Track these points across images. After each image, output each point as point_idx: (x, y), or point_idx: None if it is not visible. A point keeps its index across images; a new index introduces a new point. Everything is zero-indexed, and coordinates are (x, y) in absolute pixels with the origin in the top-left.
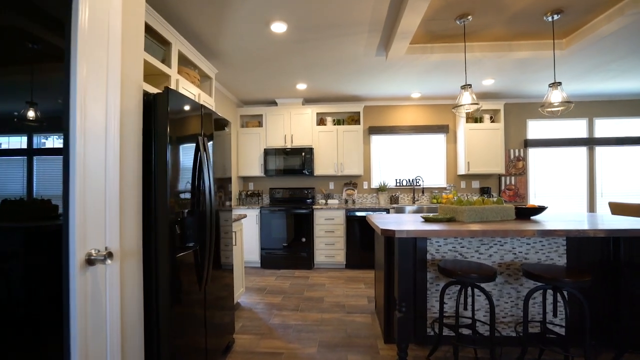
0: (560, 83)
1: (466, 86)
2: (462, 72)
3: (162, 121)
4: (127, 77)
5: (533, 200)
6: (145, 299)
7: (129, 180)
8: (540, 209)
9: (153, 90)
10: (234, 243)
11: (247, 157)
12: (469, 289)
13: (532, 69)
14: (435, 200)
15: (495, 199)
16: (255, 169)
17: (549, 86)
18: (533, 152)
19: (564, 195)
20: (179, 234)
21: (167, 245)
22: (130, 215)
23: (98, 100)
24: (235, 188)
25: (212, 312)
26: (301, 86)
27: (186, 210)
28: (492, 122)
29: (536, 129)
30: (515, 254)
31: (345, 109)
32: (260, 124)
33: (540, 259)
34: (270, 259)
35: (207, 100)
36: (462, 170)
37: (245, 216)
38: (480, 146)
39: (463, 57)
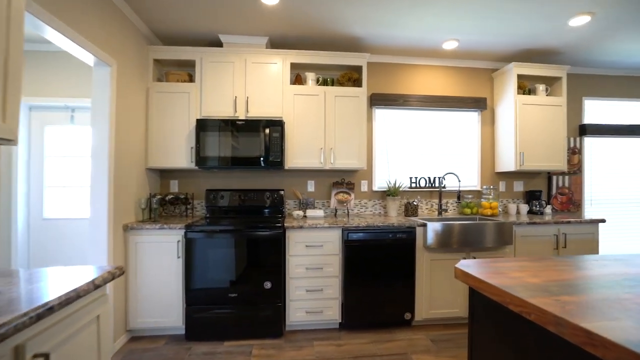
0: None
1: None
2: None
3: None
4: None
5: (589, 210)
6: None
7: None
8: None
9: None
10: None
11: (166, 135)
12: None
13: None
14: (468, 210)
15: None
16: (180, 155)
17: None
18: (590, 143)
19: (626, 201)
20: None
21: None
22: None
23: None
24: (142, 190)
25: None
26: None
27: None
28: (548, 95)
29: (593, 111)
30: None
31: (338, 60)
32: (191, 78)
33: None
34: (204, 323)
35: None
36: (506, 165)
37: (109, 280)
38: (536, 130)
39: None
